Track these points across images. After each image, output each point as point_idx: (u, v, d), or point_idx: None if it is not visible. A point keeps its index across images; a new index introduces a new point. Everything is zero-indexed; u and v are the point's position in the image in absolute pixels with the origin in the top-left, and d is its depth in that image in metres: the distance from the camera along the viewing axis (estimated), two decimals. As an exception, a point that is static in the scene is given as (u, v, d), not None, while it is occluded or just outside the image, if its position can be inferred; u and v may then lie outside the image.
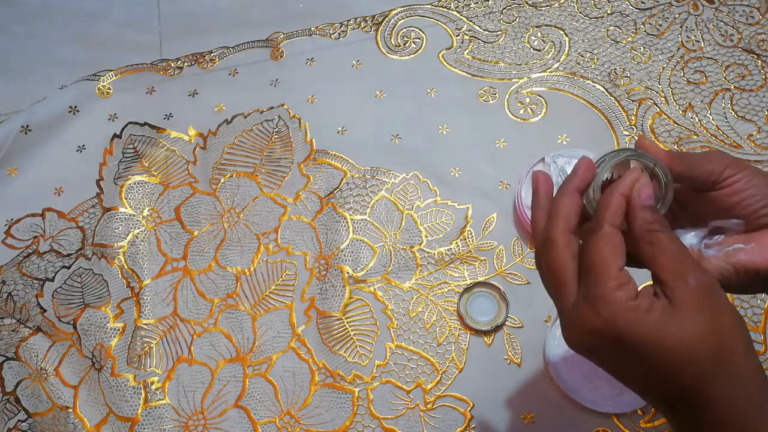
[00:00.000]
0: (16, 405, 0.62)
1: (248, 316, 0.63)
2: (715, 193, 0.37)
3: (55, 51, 0.82)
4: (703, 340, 0.29)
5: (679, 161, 0.37)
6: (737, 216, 0.37)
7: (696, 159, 0.37)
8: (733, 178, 0.36)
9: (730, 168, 0.36)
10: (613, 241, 0.32)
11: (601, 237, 0.32)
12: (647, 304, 0.30)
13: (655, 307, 0.30)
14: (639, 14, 0.75)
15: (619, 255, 0.32)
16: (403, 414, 0.58)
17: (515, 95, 0.71)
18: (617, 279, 0.31)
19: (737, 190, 0.36)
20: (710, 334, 0.29)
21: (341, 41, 0.77)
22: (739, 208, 0.37)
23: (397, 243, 0.65)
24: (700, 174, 0.37)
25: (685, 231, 0.38)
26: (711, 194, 0.37)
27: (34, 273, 0.68)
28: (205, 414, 0.60)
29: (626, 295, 0.30)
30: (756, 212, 0.36)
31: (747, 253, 0.36)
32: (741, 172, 0.36)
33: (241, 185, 0.70)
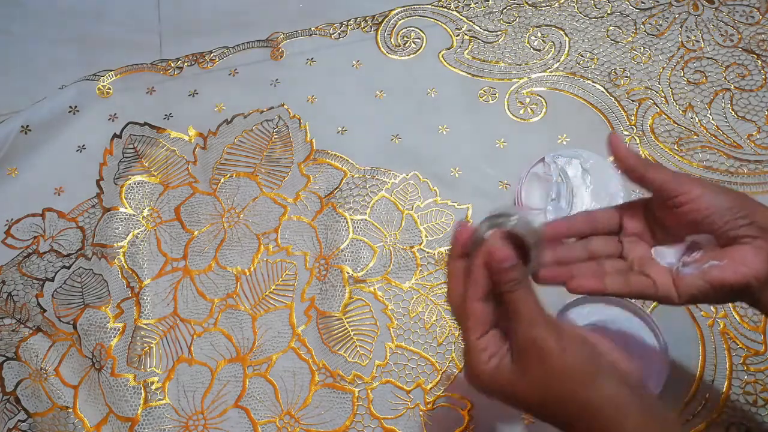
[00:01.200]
0: (16, 405, 0.62)
1: (248, 316, 0.63)
2: (678, 210, 0.40)
3: (55, 51, 0.82)
4: (533, 391, 0.35)
5: (634, 162, 0.41)
6: (705, 232, 0.40)
7: (644, 164, 0.41)
8: (685, 197, 0.39)
9: (675, 182, 0.40)
10: (473, 314, 0.37)
11: (464, 309, 0.37)
12: (496, 363, 0.36)
13: (502, 365, 0.36)
14: (639, 14, 0.75)
15: (479, 325, 0.37)
16: (403, 414, 0.58)
17: (515, 95, 0.71)
18: (476, 346, 0.36)
19: (695, 209, 0.39)
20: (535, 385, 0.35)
21: (341, 41, 0.77)
22: (705, 225, 0.39)
23: (397, 243, 0.65)
24: (651, 182, 0.41)
25: (664, 249, 0.42)
26: (677, 211, 0.40)
27: (34, 273, 0.68)
28: (205, 414, 0.60)
29: (484, 361, 0.36)
30: (720, 228, 0.39)
31: (720, 269, 0.38)
32: (693, 191, 0.39)
33: (241, 185, 0.70)
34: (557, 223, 0.44)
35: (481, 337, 0.36)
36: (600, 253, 0.44)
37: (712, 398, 0.56)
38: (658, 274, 0.41)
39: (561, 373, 0.34)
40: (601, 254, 0.44)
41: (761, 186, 0.64)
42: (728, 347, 0.57)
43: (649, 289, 0.41)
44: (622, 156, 0.41)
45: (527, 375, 0.35)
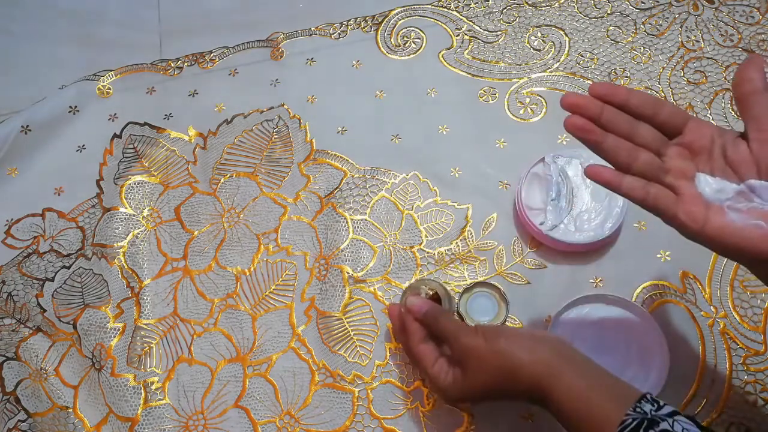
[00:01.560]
0: (16, 405, 0.62)
1: (248, 316, 0.63)
2: (757, 144, 0.37)
3: (55, 51, 0.82)
4: (480, 383, 0.46)
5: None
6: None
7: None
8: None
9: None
10: (425, 354, 0.51)
11: (418, 356, 0.51)
12: (451, 377, 0.48)
13: (455, 376, 0.48)
14: (639, 14, 0.75)
15: (431, 359, 0.50)
16: (403, 414, 0.58)
17: (515, 95, 0.71)
18: (432, 373, 0.49)
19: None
20: (481, 378, 0.46)
21: (341, 41, 0.77)
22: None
23: (397, 243, 0.65)
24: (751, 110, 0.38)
25: (711, 179, 0.39)
26: (752, 145, 0.37)
27: (34, 273, 0.68)
28: (205, 414, 0.60)
29: (443, 380, 0.49)
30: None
31: (763, 236, 0.36)
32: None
33: (241, 185, 0.70)
34: (616, 87, 0.40)
35: (434, 366, 0.49)
36: (641, 141, 0.40)
37: (712, 398, 0.56)
38: (691, 198, 0.38)
39: (493, 357, 0.45)
40: (642, 142, 0.40)
41: (761, 186, 0.64)
42: (728, 347, 0.57)
43: (669, 207, 0.39)
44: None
45: (469, 373, 0.46)
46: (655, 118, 0.40)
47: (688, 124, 0.40)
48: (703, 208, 0.38)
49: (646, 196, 0.39)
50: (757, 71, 0.37)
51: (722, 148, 0.39)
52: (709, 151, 0.39)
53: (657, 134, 0.40)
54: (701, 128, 0.40)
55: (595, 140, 0.39)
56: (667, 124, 0.40)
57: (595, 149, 0.40)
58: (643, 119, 0.40)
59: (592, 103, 0.40)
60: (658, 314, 0.59)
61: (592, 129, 0.39)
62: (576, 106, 0.39)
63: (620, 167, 0.40)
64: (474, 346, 0.46)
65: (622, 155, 0.40)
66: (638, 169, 0.40)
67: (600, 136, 0.39)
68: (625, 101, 0.40)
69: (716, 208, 0.38)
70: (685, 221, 0.38)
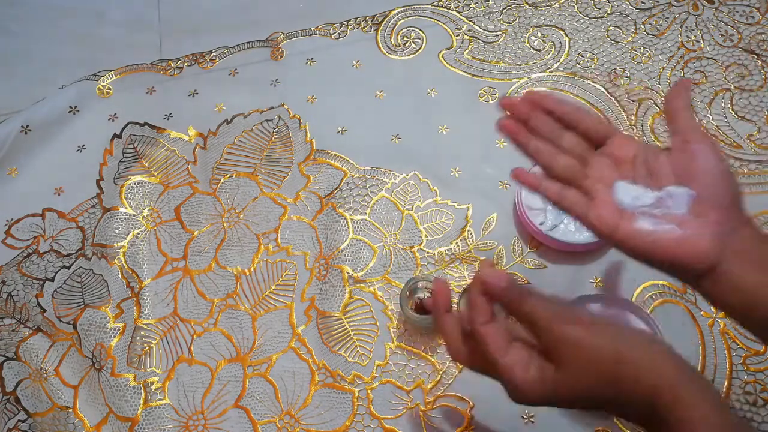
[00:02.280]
0: (16, 405, 0.62)
1: (248, 316, 0.63)
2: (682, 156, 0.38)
3: (55, 51, 0.82)
4: (586, 386, 0.35)
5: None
6: (697, 185, 0.37)
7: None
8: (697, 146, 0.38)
9: (695, 131, 0.39)
10: (488, 339, 0.37)
11: (480, 340, 0.37)
12: (539, 375, 0.36)
13: (545, 376, 0.36)
14: (639, 14, 0.75)
15: (499, 346, 0.37)
16: (403, 414, 0.58)
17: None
18: (506, 366, 0.36)
19: (699, 165, 0.38)
20: (587, 380, 0.35)
21: (341, 41, 0.77)
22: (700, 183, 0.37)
23: (397, 243, 0.65)
24: (675, 117, 0.40)
25: (628, 185, 0.40)
26: (673, 154, 0.39)
27: (34, 273, 0.68)
28: (205, 414, 0.60)
29: (520, 376, 0.36)
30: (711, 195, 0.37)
31: (676, 241, 0.37)
32: (705, 150, 0.38)
33: (241, 185, 0.70)
34: (546, 95, 0.43)
35: (507, 354, 0.37)
36: (565, 147, 0.43)
37: (712, 398, 0.56)
38: (603, 202, 0.40)
39: (600, 355, 0.35)
40: (565, 148, 0.43)
41: (761, 186, 0.64)
42: (728, 347, 0.57)
43: (581, 210, 0.41)
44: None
45: (568, 371, 0.35)
46: (579, 127, 0.43)
47: (612, 137, 0.42)
48: (614, 212, 0.39)
49: (561, 198, 0.42)
50: (686, 91, 0.40)
51: (645, 160, 0.40)
52: (632, 162, 0.41)
53: (581, 142, 0.43)
54: (625, 141, 0.42)
55: (520, 141, 0.43)
56: (591, 134, 0.42)
57: (522, 149, 0.43)
58: (569, 127, 0.43)
59: (523, 106, 0.43)
60: (658, 314, 0.59)
61: (518, 131, 0.43)
62: (510, 106, 0.43)
63: (543, 167, 0.43)
64: (578, 338, 0.35)
65: (544, 157, 0.42)
66: (558, 171, 0.42)
67: (525, 138, 0.43)
68: (553, 109, 0.43)
69: (629, 215, 0.39)
70: (596, 224, 0.40)
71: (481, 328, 0.37)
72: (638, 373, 0.34)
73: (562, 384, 0.35)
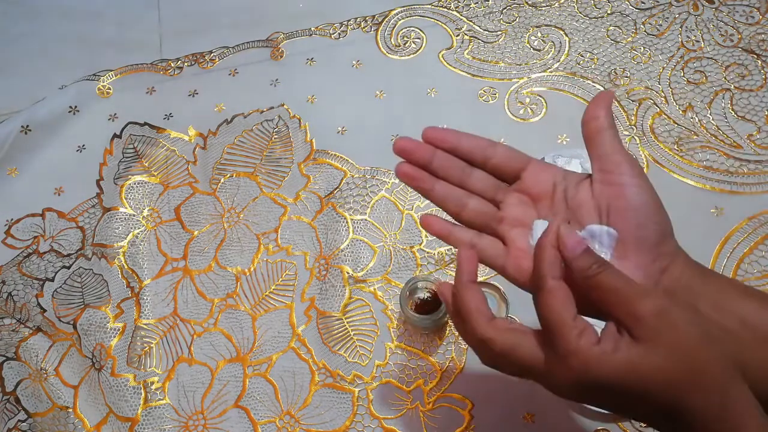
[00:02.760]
0: (16, 405, 0.62)
1: (248, 316, 0.63)
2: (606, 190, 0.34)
3: (55, 51, 0.82)
4: (670, 366, 0.29)
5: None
6: (622, 223, 0.33)
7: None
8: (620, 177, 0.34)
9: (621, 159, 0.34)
10: (560, 294, 0.31)
11: (547, 294, 0.32)
12: (612, 346, 0.30)
13: (620, 346, 0.30)
14: (639, 14, 0.75)
15: (569, 306, 0.31)
16: (403, 414, 0.58)
17: (515, 95, 0.71)
18: (575, 329, 0.30)
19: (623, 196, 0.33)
20: (674, 358, 0.29)
21: (341, 41, 0.77)
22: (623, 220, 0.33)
23: (397, 243, 0.65)
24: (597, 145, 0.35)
25: (545, 227, 0.35)
26: (594, 186, 0.34)
27: (34, 273, 0.68)
28: (205, 414, 0.60)
29: (589, 342, 0.30)
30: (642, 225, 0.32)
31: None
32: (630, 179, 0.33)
33: (241, 185, 0.70)
34: (447, 131, 0.38)
35: (576, 318, 0.31)
36: (475, 188, 0.38)
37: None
38: (519, 250, 0.36)
39: (699, 341, 0.30)
40: (475, 189, 0.38)
41: (761, 186, 0.64)
42: (728, 347, 0.57)
43: (497, 261, 0.36)
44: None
45: (657, 350, 0.29)
46: (488, 163, 0.38)
47: (527, 168, 0.38)
48: (531, 261, 0.34)
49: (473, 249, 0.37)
50: (604, 108, 0.35)
51: (564, 192, 0.36)
52: (551, 196, 0.37)
53: (492, 180, 0.38)
54: (541, 172, 0.37)
55: (423, 188, 0.38)
56: (503, 168, 0.38)
57: (426, 196, 0.38)
58: (477, 165, 0.38)
59: (422, 149, 0.38)
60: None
61: (419, 176, 0.38)
62: (405, 152, 0.38)
63: (452, 216, 0.38)
64: (674, 319, 0.30)
65: (451, 203, 0.38)
66: (467, 218, 0.38)
67: (428, 183, 0.38)
68: (455, 146, 0.38)
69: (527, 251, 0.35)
70: (513, 275, 0.35)
71: (552, 282, 0.32)
72: (705, 369, 0.29)
73: (645, 360, 0.29)
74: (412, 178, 0.38)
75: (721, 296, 0.32)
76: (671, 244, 0.33)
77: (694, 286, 0.32)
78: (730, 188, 0.64)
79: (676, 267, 0.33)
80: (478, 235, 0.37)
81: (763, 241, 0.61)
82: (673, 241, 0.33)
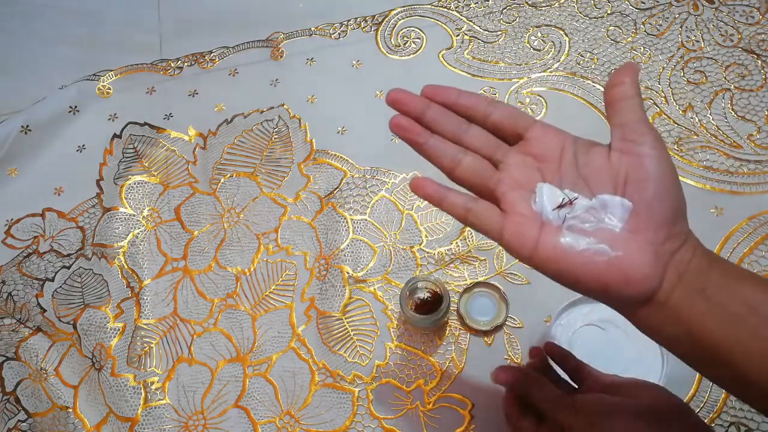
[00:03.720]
0: (16, 405, 0.62)
1: (248, 316, 0.63)
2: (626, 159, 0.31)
3: (55, 51, 0.82)
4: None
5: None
6: (638, 195, 0.31)
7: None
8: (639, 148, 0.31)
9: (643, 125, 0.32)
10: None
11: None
12: None
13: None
14: (639, 14, 0.75)
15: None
16: (403, 414, 0.58)
17: (515, 95, 0.71)
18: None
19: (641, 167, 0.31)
20: None
21: (341, 41, 0.77)
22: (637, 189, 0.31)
23: (397, 243, 0.65)
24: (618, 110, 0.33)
25: (556, 189, 0.33)
26: (612, 155, 0.32)
27: (34, 273, 0.68)
28: (205, 414, 0.60)
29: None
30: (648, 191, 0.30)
31: (607, 264, 0.30)
32: (648, 149, 0.31)
33: (241, 185, 0.70)
34: (447, 87, 0.36)
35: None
36: (472, 144, 0.35)
37: (712, 398, 0.56)
38: (519, 216, 0.33)
39: None
40: (472, 145, 0.35)
41: (761, 186, 0.64)
42: (728, 347, 0.57)
43: (492, 227, 0.33)
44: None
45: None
46: (488, 120, 0.35)
47: (531, 128, 0.35)
48: (534, 228, 0.32)
49: (467, 215, 0.34)
50: (630, 75, 0.33)
51: (574, 157, 0.33)
52: (558, 159, 0.34)
53: (491, 138, 0.35)
54: (547, 134, 0.35)
55: (416, 140, 0.35)
56: (503, 126, 0.35)
57: (419, 150, 0.36)
58: (476, 122, 0.35)
59: (415, 100, 0.36)
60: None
61: (413, 128, 0.35)
62: (398, 102, 0.36)
63: (445, 172, 0.35)
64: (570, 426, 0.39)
65: (446, 159, 0.35)
66: (462, 175, 0.35)
67: (422, 137, 0.35)
68: (455, 101, 0.35)
69: (552, 229, 0.32)
70: (512, 243, 0.32)
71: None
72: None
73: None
74: (405, 129, 0.35)
75: (729, 281, 0.30)
76: (683, 225, 0.32)
77: (703, 270, 0.31)
78: (730, 188, 0.64)
79: (686, 250, 0.31)
80: (474, 199, 0.34)
81: (763, 241, 0.61)
82: (686, 222, 0.32)
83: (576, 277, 0.31)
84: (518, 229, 0.32)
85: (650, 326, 0.32)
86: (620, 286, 0.30)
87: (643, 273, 0.30)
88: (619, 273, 0.30)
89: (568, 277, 0.31)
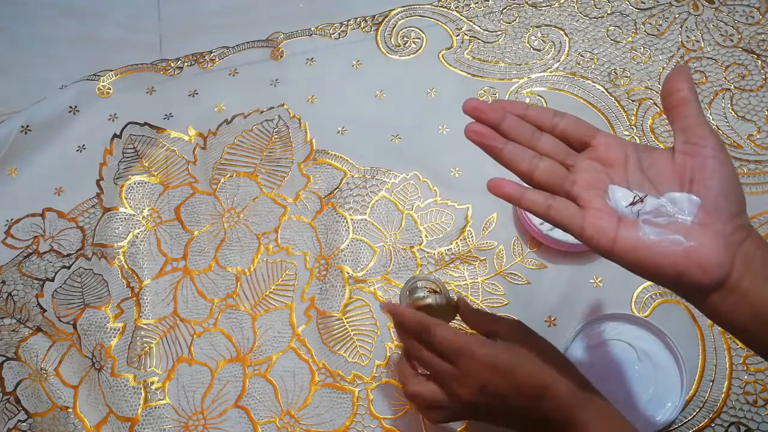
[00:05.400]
0: (16, 405, 0.62)
1: (248, 316, 0.63)
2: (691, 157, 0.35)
3: (55, 51, 0.82)
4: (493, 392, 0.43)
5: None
6: (705, 192, 0.34)
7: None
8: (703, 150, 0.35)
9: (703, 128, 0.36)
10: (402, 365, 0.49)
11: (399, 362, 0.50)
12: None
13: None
14: (639, 14, 0.75)
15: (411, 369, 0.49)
16: (403, 414, 0.58)
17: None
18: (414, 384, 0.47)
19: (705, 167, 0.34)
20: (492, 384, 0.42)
21: (341, 41, 0.77)
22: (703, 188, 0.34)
23: (397, 243, 0.65)
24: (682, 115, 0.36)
25: (626, 190, 0.36)
26: (676, 156, 0.36)
27: (34, 273, 0.68)
28: (205, 414, 0.60)
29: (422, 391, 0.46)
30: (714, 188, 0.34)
31: (684, 254, 0.33)
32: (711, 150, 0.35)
33: (241, 185, 0.70)
34: (515, 102, 0.39)
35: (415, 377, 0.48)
36: (544, 151, 0.38)
37: (712, 398, 0.56)
38: (598, 210, 0.35)
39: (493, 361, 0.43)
40: (545, 152, 0.38)
41: (761, 186, 0.64)
42: (728, 347, 0.57)
43: (574, 221, 0.36)
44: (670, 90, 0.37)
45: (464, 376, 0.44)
46: (556, 129, 0.39)
47: (596, 136, 0.38)
48: (612, 221, 0.35)
49: (548, 210, 0.36)
50: (686, 80, 0.36)
51: (638, 161, 0.37)
52: (624, 163, 0.37)
53: (561, 145, 0.39)
54: (611, 141, 0.38)
55: (495, 147, 0.38)
56: (570, 135, 0.39)
57: (496, 157, 0.38)
58: (545, 131, 0.39)
59: (493, 108, 0.38)
60: (658, 314, 0.59)
61: (492, 135, 0.38)
62: (476, 110, 0.38)
63: (522, 176, 0.38)
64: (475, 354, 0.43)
65: (524, 163, 0.38)
66: (540, 177, 0.37)
67: (500, 143, 0.38)
68: (524, 113, 0.39)
69: (629, 222, 0.35)
70: (593, 236, 0.35)
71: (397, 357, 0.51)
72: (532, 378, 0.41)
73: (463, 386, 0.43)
74: (482, 136, 0.38)
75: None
76: (746, 219, 0.35)
77: (766, 262, 0.34)
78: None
79: (751, 242, 0.34)
80: (552, 197, 0.37)
81: (763, 241, 0.61)
82: (746, 216, 0.35)
83: (655, 266, 0.34)
84: (598, 223, 0.35)
85: (721, 312, 0.34)
86: (697, 273, 0.33)
87: (716, 261, 0.33)
88: (695, 261, 0.33)
89: (647, 266, 0.34)
